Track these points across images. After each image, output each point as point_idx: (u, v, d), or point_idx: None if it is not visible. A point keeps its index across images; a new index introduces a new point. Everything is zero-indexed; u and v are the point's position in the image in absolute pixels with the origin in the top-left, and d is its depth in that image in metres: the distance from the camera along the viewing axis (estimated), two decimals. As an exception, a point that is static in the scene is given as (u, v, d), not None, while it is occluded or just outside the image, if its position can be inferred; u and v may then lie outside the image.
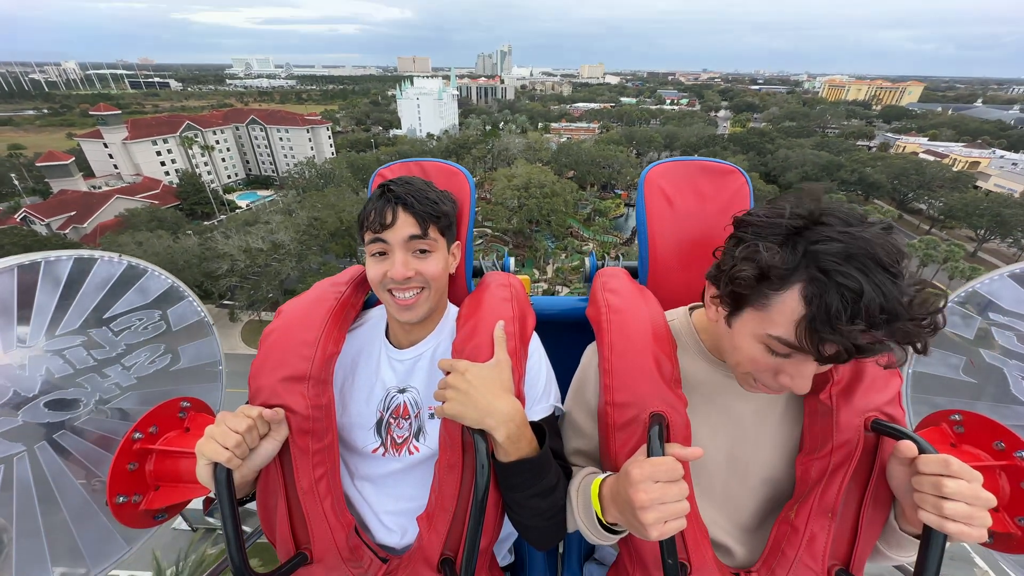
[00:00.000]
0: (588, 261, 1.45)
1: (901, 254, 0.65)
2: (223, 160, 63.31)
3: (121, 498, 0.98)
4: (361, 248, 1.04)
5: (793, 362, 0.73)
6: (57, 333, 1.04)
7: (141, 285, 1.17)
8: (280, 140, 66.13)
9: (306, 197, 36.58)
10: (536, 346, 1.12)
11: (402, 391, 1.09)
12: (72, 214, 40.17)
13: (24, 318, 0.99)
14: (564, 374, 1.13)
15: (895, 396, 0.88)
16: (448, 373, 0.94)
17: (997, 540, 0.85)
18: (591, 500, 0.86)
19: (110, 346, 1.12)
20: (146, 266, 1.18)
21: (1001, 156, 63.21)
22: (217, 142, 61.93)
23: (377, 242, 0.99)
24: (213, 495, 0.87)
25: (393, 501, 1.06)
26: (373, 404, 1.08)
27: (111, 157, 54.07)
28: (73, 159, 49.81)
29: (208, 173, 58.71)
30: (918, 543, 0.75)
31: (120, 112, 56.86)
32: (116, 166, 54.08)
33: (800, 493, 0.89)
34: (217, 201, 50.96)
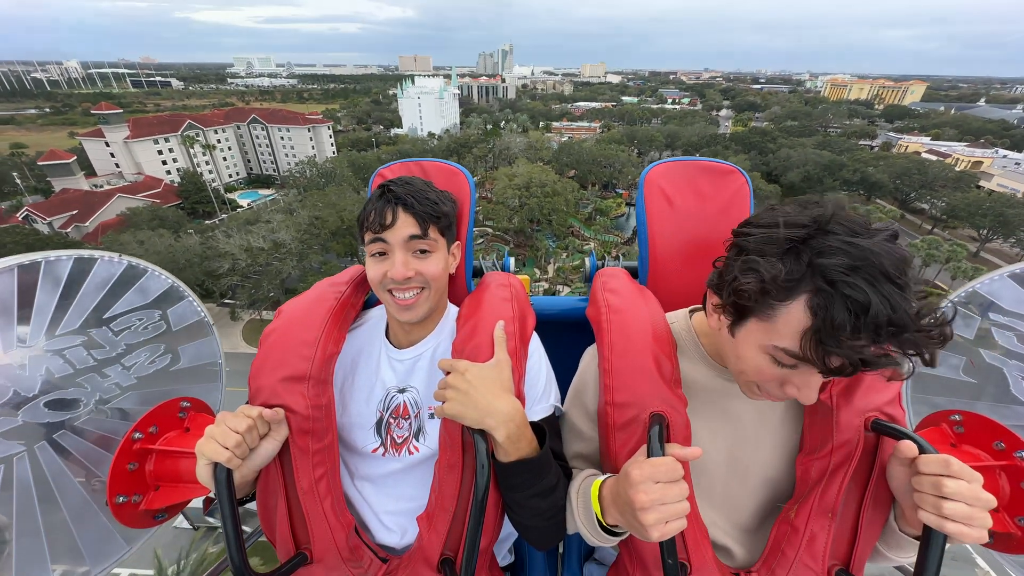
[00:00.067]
0: (588, 261, 1.45)
1: (908, 263, 0.64)
2: (224, 159, 63.34)
3: (121, 498, 0.98)
4: (362, 247, 1.04)
5: (799, 373, 0.72)
6: (57, 333, 1.03)
7: (141, 285, 1.17)
8: (281, 139, 66.14)
9: (307, 196, 36.62)
10: (536, 346, 1.12)
11: (402, 391, 1.09)
12: (74, 213, 40.23)
13: (24, 318, 0.99)
14: (564, 374, 1.13)
15: (895, 396, 0.88)
16: (448, 373, 0.94)
17: (997, 540, 0.85)
18: (591, 502, 0.86)
19: (110, 346, 1.12)
20: (146, 266, 1.18)
21: (1004, 156, 62.84)
22: (218, 141, 61.95)
23: (377, 242, 0.99)
24: (213, 495, 0.87)
25: (393, 501, 1.06)
26: (373, 404, 1.08)
27: (113, 156, 54.13)
28: (75, 158, 49.91)
29: (209, 172, 58.77)
30: (918, 544, 0.74)
31: (122, 111, 56.88)
32: (118, 165, 54.12)
33: (800, 493, 0.89)
34: (218, 200, 51.04)
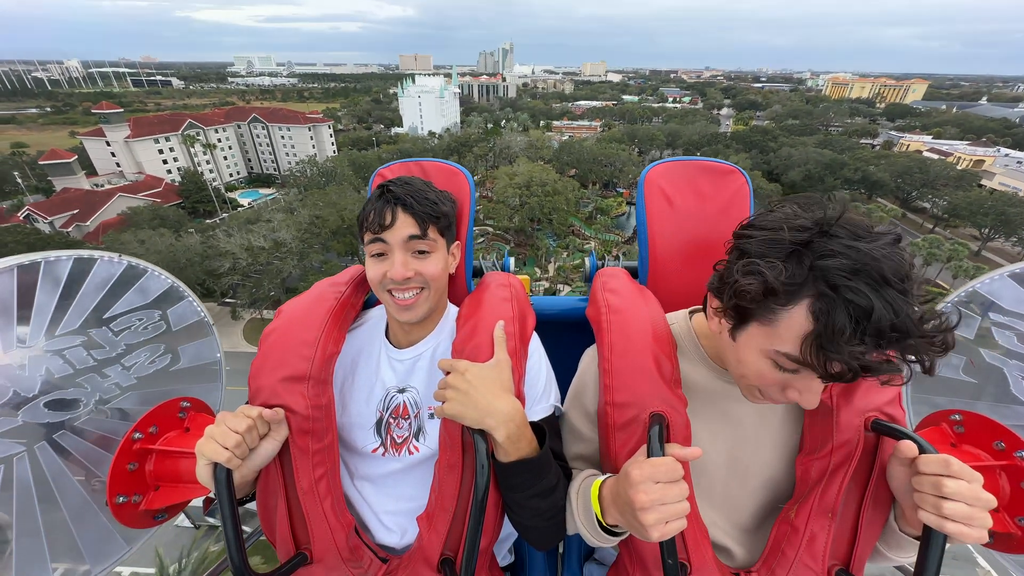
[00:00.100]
0: (588, 261, 1.45)
1: (910, 268, 0.64)
2: (225, 158, 63.38)
3: (121, 498, 0.98)
4: (362, 247, 1.04)
5: (801, 377, 0.72)
6: (57, 333, 1.03)
7: (141, 285, 1.17)
8: (282, 138, 66.16)
9: (308, 195, 36.63)
10: (536, 346, 1.12)
11: (402, 391, 1.09)
12: (75, 212, 40.29)
13: (24, 318, 0.99)
14: (564, 374, 1.13)
15: (895, 396, 0.88)
16: (448, 373, 0.93)
17: (997, 540, 0.85)
18: (591, 502, 0.86)
19: (110, 346, 1.12)
20: (146, 266, 1.18)
21: (1006, 154, 62.65)
22: (219, 140, 61.97)
23: (376, 242, 0.99)
24: (213, 495, 0.87)
25: (393, 501, 1.06)
26: (373, 404, 1.08)
27: (113, 155, 54.13)
28: (76, 157, 49.97)
29: (210, 171, 58.84)
30: (918, 544, 0.74)
31: (122, 110, 56.87)
32: (118, 164, 54.12)
33: (800, 493, 0.89)
34: (219, 199, 51.07)
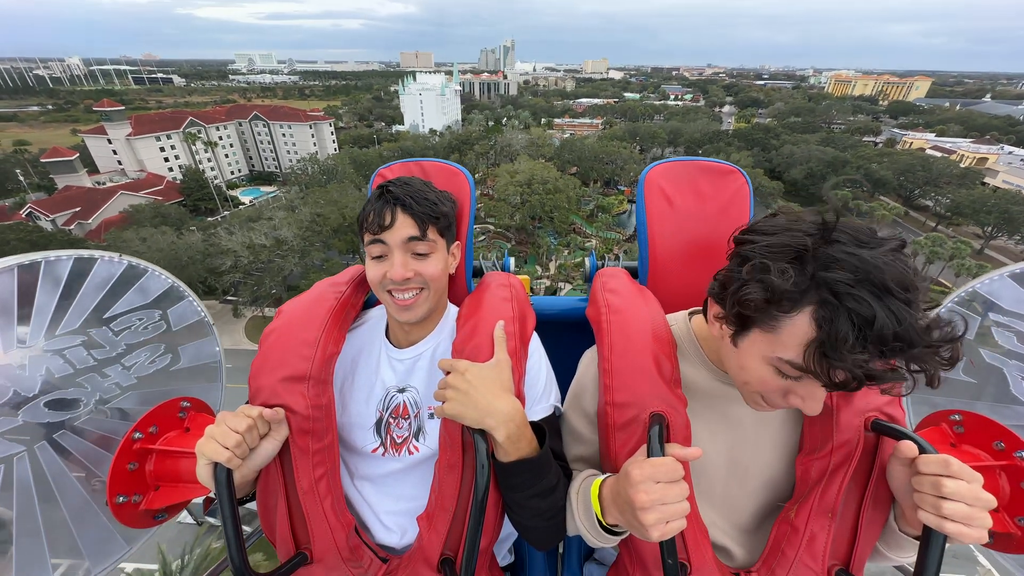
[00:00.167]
0: (588, 261, 1.45)
1: (915, 275, 0.63)
2: (226, 156, 63.36)
3: (121, 498, 0.98)
4: (363, 247, 1.04)
5: (803, 384, 0.71)
6: (57, 333, 1.03)
7: (141, 285, 1.17)
8: (283, 136, 66.12)
9: (309, 193, 36.57)
10: (536, 346, 1.12)
11: (402, 391, 1.09)
12: (77, 210, 40.34)
13: (24, 318, 0.99)
14: (564, 374, 1.13)
15: (895, 396, 0.87)
16: (448, 373, 0.94)
17: (997, 540, 0.85)
18: (591, 501, 0.86)
19: (110, 346, 1.12)
20: (146, 266, 1.18)
21: (1010, 152, 62.21)
22: (220, 138, 61.92)
23: (376, 244, 0.99)
24: (213, 495, 0.87)
25: (393, 501, 1.07)
26: (373, 404, 1.08)
27: (115, 153, 54.15)
28: (77, 155, 49.95)
29: (211, 169, 58.80)
30: (918, 544, 0.74)
31: (124, 108, 56.72)
32: (120, 162, 54.17)
33: (800, 493, 0.89)
34: (220, 197, 51.10)
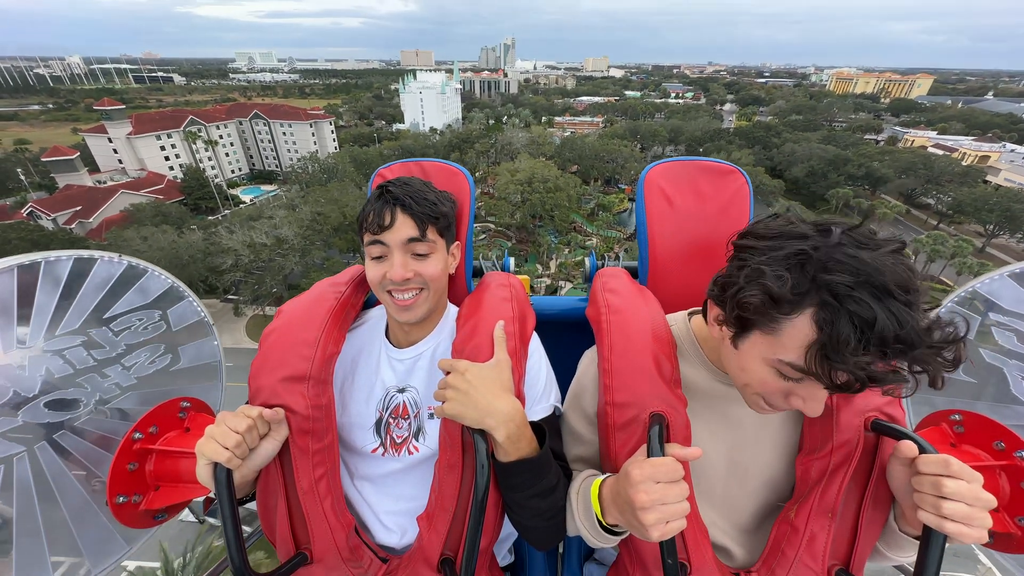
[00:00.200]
0: (588, 261, 1.45)
1: (915, 276, 0.63)
2: (227, 155, 63.35)
3: (121, 498, 0.98)
4: (363, 247, 1.04)
5: (805, 386, 0.71)
6: (57, 333, 1.03)
7: (141, 285, 1.17)
8: (283, 135, 66.08)
9: (309, 192, 36.58)
10: (536, 346, 1.12)
11: (401, 391, 1.09)
12: (78, 209, 40.40)
13: (24, 318, 0.99)
14: (564, 374, 1.13)
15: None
16: (448, 373, 0.93)
17: (997, 540, 0.85)
18: (591, 501, 0.86)
19: (110, 346, 1.12)
20: (146, 266, 1.18)
21: (1012, 150, 61.94)
22: (220, 137, 61.89)
23: (376, 244, 0.99)
24: (213, 495, 0.87)
25: (393, 501, 1.07)
26: (372, 404, 1.08)
27: (115, 152, 54.13)
28: (78, 154, 49.94)
29: (212, 168, 58.80)
30: (918, 544, 0.74)
31: (124, 107, 56.71)
32: (121, 161, 54.15)
33: (800, 493, 0.89)
34: (221, 196, 51.13)
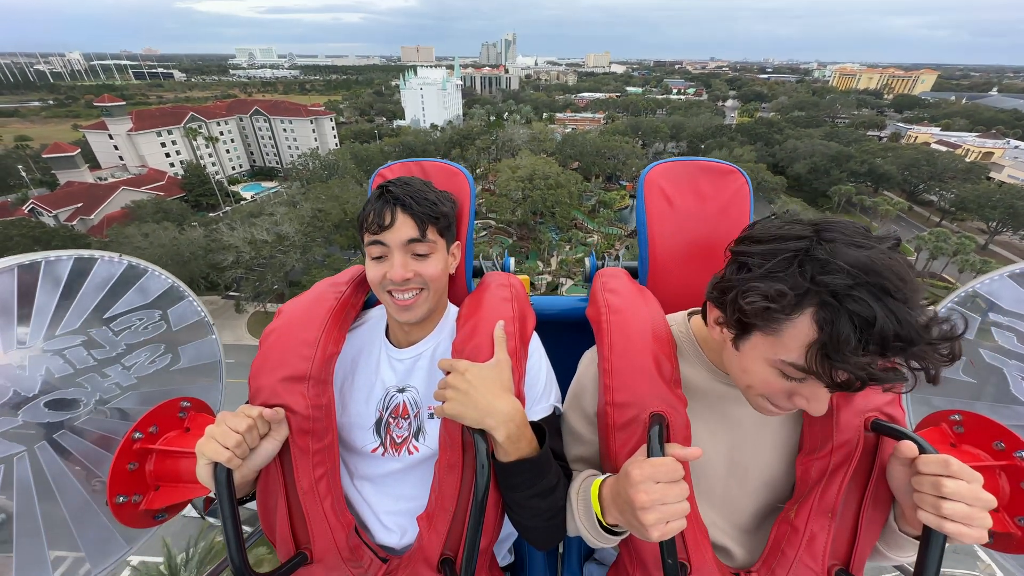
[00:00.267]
0: (588, 261, 1.45)
1: (912, 272, 0.63)
2: (227, 151, 63.28)
3: (121, 498, 0.98)
4: (363, 247, 1.04)
5: (807, 385, 0.71)
6: (57, 333, 1.03)
7: (141, 285, 1.17)
8: (284, 131, 65.96)
9: (310, 188, 36.52)
10: (536, 346, 1.12)
11: (401, 391, 1.09)
12: (79, 206, 40.41)
13: (24, 318, 0.98)
14: (564, 374, 1.13)
15: (895, 396, 0.87)
16: (448, 373, 0.93)
17: (997, 540, 0.85)
18: (591, 501, 0.86)
19: (110, 346, 1.12)
20: (146, 266, 1.17)
21: (1016, 146, 61.55)
22: (221, 133, 61.83)
23: (376, 245, 0.99)
24: (213, 495, 0.87)
25: (393, 501, 1.07)
26: (372, 404, 1.09)
27: (116, 148, 54.13)
28: (79, 151, 50.03)
29: (212, 164, 58.76)
30: (917, 544, 0.74)
31: (124, 103, 56.62)
32: (121, 157, 54.15)
33: (800, 493, 0.89)
34: (222, 192, 51.08)
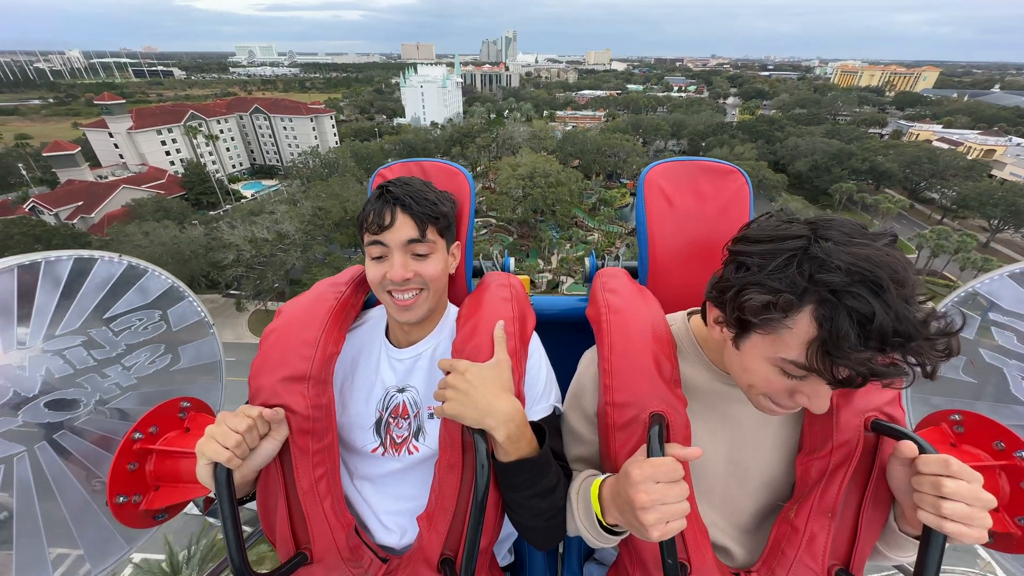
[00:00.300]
0: (588, 261, 1.45)
1: (909, 268, 0.63)
2: (227, 150, 63.21)
3: (121, 498, 0.98)
4: (364, 247, 1.04)
5: (808, 383, 0.71)
6: (57, 333, 1.03)
7: (141, 285, 1.17)
8: (284, 129, 65.88)
9: (311, 187, 36.48)
10: (536, 346, 1.12)
11: (401, 390, 1.09)
12: (79, 204, 40.42)
13: (24, 318, 0.98)
14: (564, 374, 1.13)
15: (895, 396, 0.87)
16: (448, 373, 0.93)
17: (997, 540, 0.85)
18: (591, 501, 0.86)
19: (110, 346, 1.12)
20: (146, 266, 1.17)
21: (1018, 144, 61.27)
22: (221, 131, 61.76)
23: (376, 245, 0.99)
24: (213, 495, 0.87)
25: (393, 501, 1.07)
26: (372, 404, 1.09)
27: (116, 147, 54.06)
28: (79, 149, 50.01)
29: (213, 163, 58.74)
30: (917, 544, 0.74)
31: (124, 101, 56.54)
32: (122, 156, 54.10)
33: (800, 493, 0.89)
34: (222, 191, 51.06)
